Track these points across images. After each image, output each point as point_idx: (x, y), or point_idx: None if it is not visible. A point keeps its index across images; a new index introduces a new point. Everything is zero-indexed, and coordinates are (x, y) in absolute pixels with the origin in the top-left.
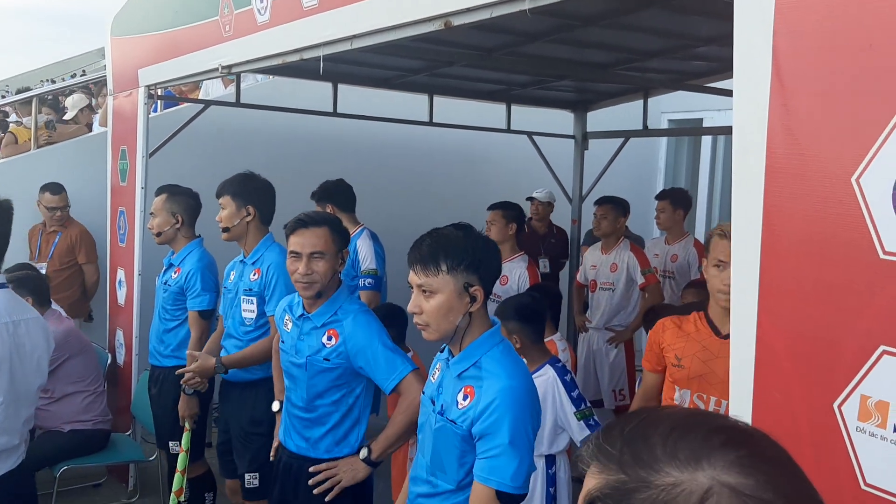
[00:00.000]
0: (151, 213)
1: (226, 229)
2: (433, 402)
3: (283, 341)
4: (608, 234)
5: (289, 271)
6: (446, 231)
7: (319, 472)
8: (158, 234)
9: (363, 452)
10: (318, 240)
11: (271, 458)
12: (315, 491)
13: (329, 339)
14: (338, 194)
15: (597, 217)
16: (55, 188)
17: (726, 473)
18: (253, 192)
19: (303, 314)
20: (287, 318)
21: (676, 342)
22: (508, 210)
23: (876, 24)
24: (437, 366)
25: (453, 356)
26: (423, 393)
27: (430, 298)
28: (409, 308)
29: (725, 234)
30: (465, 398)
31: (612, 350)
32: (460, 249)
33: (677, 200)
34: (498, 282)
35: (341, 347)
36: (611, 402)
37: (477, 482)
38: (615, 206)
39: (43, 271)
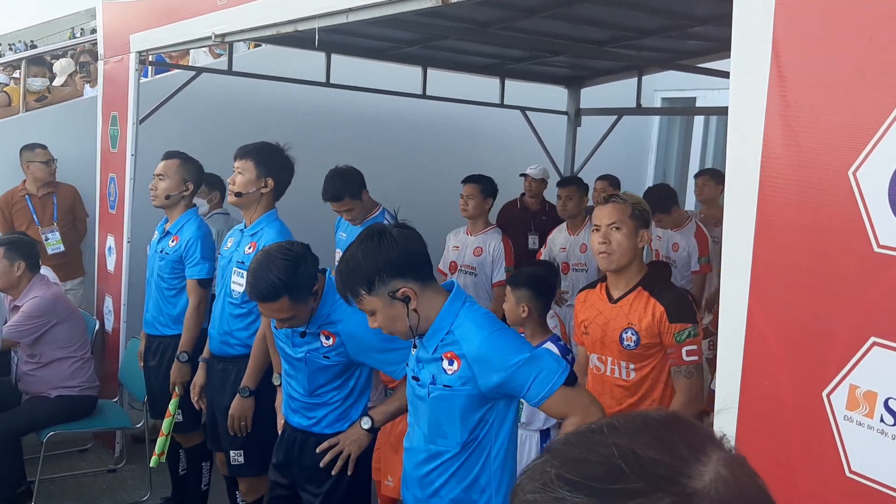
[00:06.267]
0: (159, 176)
1: (238, 194)
2: (417, 378)
3: (275, 326)
4: (574, 216)
5: None
6: (347, 256)
7: (326, 450)
8: (167, 198)
9: (366, 422)
10: (277, 311)
11: (278, 432)
12: (322, 464)
13: (327, 338)
14: (348, 185)
15: (561, 199)
16: (41, 145)
17: (722, 450)
18: (277, 164)
19: None
20: None
21: (584, 312)
22: (485, 184)
23: (877, 17)
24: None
25: (422, 336)
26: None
27: (374, 318)
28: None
29: (604, 202)
30: (450, 363)
31: None
32: (363, 271)
33: (719, 178)
34: (472, 253)
35: (340, 347)
36: None
37: (548, 399)
38: (579, 187)
39: (57, 237)
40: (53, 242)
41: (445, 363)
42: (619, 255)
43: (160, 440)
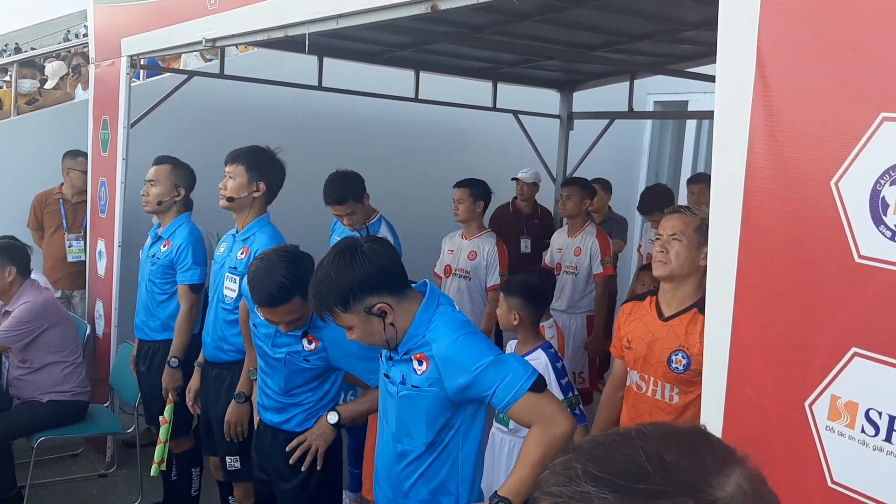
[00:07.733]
0: (150, 181)
1: (230, 199)
2: (388, 376)
3: (254, 325)
4: (573, 216)
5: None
6: (320, 275)
7: (295, 449)
8: (159, 203)
9: (333, 417)
10: (288, 313)
11: (255, 426)
12: (291, 461)
13: (309, 342)
14: (351, 188)
15: (562, 198)
16: (84, 153)
17: (744, 466)
18: (268, 168)
19: None
20: None
21: (629, 325)
22: (475, 188)
23: (859, 27)
24: None
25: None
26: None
27: (352, 332)
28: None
29: (673, 212)
30: (420, 364)
31: (573, 332)
32: (338, 290)
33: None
34: (467, 257)
35: (322, 353)
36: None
37: (514, 405)
38: (581, 188)
39: (81, 245)
40: (76, 251)
41: (415, 363)
42: (677, 266)
43: (159, 448)
